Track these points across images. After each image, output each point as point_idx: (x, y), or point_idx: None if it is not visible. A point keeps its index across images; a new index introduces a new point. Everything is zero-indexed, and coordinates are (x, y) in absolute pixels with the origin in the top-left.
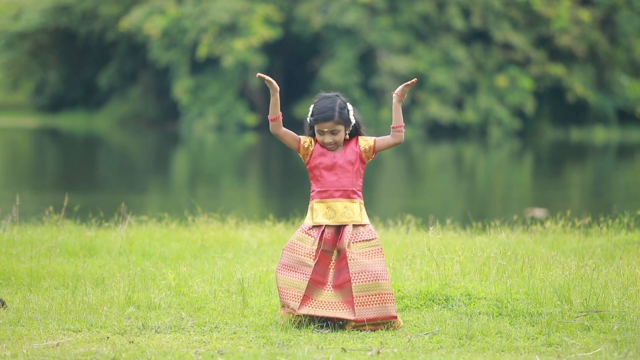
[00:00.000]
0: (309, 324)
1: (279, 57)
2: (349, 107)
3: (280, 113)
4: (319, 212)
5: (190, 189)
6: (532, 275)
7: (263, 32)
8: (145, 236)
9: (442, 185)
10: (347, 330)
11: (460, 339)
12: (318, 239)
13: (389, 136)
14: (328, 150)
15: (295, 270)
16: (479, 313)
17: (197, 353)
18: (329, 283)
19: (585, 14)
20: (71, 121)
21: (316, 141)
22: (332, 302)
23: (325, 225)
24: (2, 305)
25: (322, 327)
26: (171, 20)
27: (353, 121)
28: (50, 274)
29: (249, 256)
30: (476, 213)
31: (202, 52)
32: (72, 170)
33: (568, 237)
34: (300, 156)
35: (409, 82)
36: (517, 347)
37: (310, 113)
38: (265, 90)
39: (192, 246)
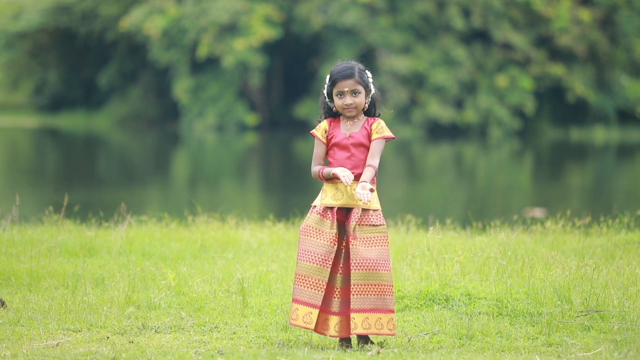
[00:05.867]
0: None
1: (279, 57)
2: (368, 74)
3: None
4: (327, 194)
5: (190, 189)
6: (532, 275)
7: (263, 32)
8: (145, 236)
9: (442, 185)
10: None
11: (460, 339)
12: (335, 221)
13: (368, 163)
14: (347, 116)
15: (316, 255)
16: (479, 313)
17: (197, 353)
18: (340, 266)
19: (585, 14)
20: (71, 121)
21: (329, 122)
22: (335, 290)
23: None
24: (2, 305)
25: None
26: (171, 20)
27: (372, 90)
28: (50, 274)
29: (249, 256)
30: (476, 213)
31: (202, 52)
32: (72, 170)
33: (568, 237)
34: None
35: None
36: (517, 347)
37: (327, 80)
38: (265, 90)
39: (192, 246)
